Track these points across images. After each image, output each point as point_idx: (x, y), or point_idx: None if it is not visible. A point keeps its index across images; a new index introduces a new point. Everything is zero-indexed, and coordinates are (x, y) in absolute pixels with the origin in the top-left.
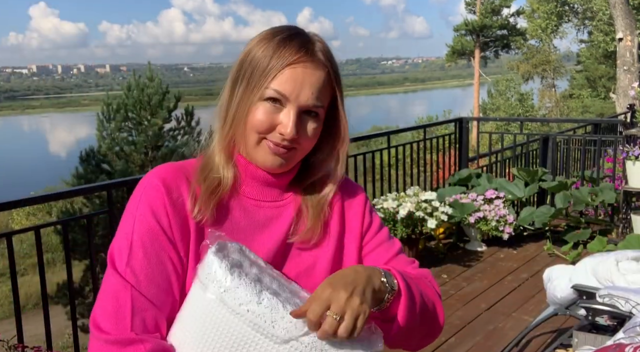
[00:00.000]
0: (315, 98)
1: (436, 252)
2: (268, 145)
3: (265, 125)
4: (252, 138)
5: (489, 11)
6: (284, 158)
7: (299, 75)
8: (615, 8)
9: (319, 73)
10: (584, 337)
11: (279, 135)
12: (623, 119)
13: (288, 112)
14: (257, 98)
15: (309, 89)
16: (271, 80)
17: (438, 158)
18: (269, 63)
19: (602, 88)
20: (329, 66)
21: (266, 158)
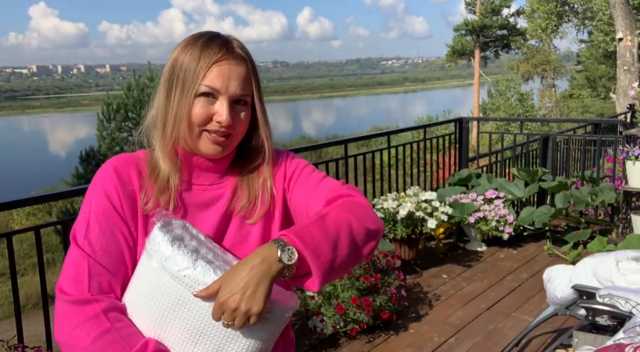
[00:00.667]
0: (241, 88)
1: (436, 252)
2: (207, 136)
3: (204, 117)
4: (193, 132)
5: (489, 11)
6: (223, 145)
7: (225, 70)
8: (615, 8)
9: (241, 67)
10: (584, 337)
11: (216, 124)
12: (623, 119)
13: (221, 103)
14: (193, 96)
15: (235, 81)
16: (202, 78)
17: (438, 158)
18: (198, 64)
19: (602, 88)
20: (248, 61)
21: (208, 147)
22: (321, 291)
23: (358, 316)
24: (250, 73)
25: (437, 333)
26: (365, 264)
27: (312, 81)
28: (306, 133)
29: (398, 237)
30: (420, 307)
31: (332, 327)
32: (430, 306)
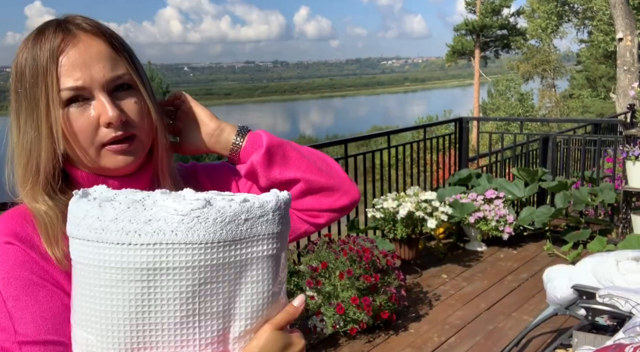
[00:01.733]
0: (110, 69)
1: (436, 252)
2: (109, 149)
3: (91, 128)
4: (90, 152)
5: (489, 11)
6: (131, 151)
7: (77, 57)
8: (615, 8)
9: (95, 43)
10: (584, 337)
11: (107, 129)
12: (623, 119)
13: (98, 99)
14: (58, 111)
15: (96, 63)
16: (55, 83)
17: (438, 158)
18: (39, 66)
19: (602, 88)
20: (101, 34)
21: (116, 161)
22: (321, 290)
23: (358, 315)
24: (114, 47)
25: (437, 333)
26: (365, 264)
27: (312, 81)
28: (306, 133)
29: (398, 237)
30: (420, 307)
31: (332, 327)
32: (430, 306)
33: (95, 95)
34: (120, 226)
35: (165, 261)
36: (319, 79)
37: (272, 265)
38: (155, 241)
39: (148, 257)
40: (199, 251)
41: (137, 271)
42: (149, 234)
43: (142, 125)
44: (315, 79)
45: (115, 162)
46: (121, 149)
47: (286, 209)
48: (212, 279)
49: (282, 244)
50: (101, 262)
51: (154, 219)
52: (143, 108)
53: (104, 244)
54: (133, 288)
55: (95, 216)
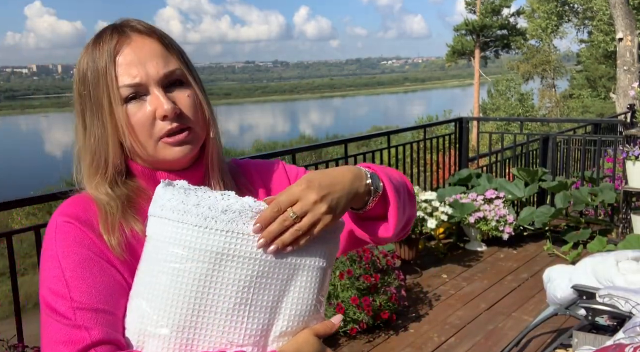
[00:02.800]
0: (163, 65)
1: (436, 252)
2: (165, 141)
3: (146, 122)
4: (149, 145)
5: (489, 11)
6: (187, 141)
7: (132, 56)
8: (615, 8)
9: (148, 42)
10: (584, 337)
11: (163, 122)
12: (623, 119)
13: (153, 94)
14: (120, 108)
15: (150, 60)
16: (115, 82)
17: (438, 158)
18: (99, 68)
19: (602, 88)
20: (153, 33)
21: (173, 153)
22: None
23: (358, 315)
24: (166, 46)
25: (437, 333)
26: (365, 264)
27: (312, 81)
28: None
29: None
30: (420, 307)
31: None
32: (430, 306)
33: (150, 90)
34: (201, 211)
35: (233, 248)
36: (319, 79)
37: (319, 277)
38: (228, 228)
39: (219, 242)
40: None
41: (207, 253)
42: (224, 222)
43: (195, 118)
44: (315, 79)
45: (173, 154)
46: (178, 140)
47: (339, 233)
48: (268, 273)
49: (330, 262)
50: (177, 240)
51: (229, 210)
52: (196, 102)
53: (183, 225)
54: (199, 269)
55: (180, 200)
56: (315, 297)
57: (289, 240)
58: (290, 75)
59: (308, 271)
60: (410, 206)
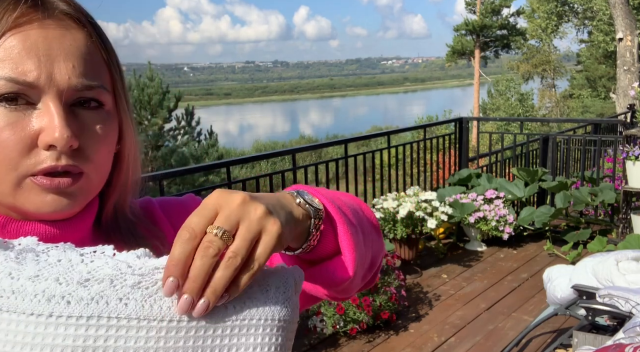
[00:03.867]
0: (80, 73)
1: (436, 252)
2: (36, 182)
3: (19, 146)
4: (5, 181)
5: (489, 11)
6: (70, 193)
7: (39, 42)
8: (615, 8)
9: (76, 36)
10: (584, 337)
11: (45, 153)
12: (623, 119)
13: (46, 106)
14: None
15: (64, 59)
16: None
17: (438, 158)
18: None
19: (602, 88)
20: (86, 23)
21: (42, 202)
22: None
23: (358, 315)
24: (96, 45)
25: (437, 333)
26: None
27: (312, 81)
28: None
29: (398, 237)
30: (420, 307)
31: (332, 327)
32: (430, 306)
33: (43, 100)
34: (42, 287)
35: (102, 345)
36: (319, 79)
37: (278, 342)
38: (91, 312)
39: (76, 338)
40: (159, 332)
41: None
42: (84, 302)
43: (99, 160)
44: (315, 79)
45: (41, 204)
46: (56, 186)
47: (296, 290)
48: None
49: (286, 340)
50: (0, 343)
51: (93, 279)
52: (110, 138)
53: (9, 315)
54: None
55: (7, 272)
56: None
57: (224, 281)
58: (290, 75)
59: (254, 336)
60: (372, 236)
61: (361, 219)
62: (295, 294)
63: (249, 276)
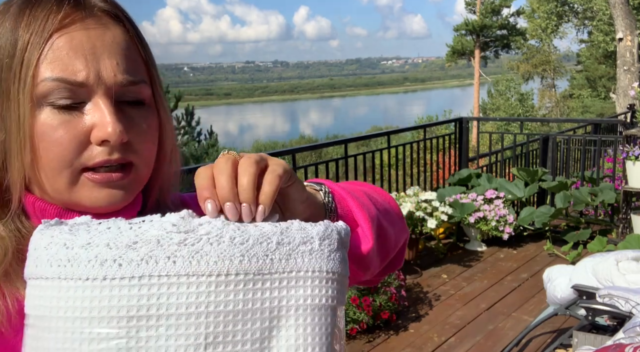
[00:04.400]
0: (124, 70)
1: (436, 252)
2: (91, 178)
3: (73, 143)
4: (62, 178)
5: (489, 11)
6: (123, 185)
7: (83, 41)
8: (615, 8)
9: (115, 33)
10: (584, 337)
11: (99, 149)
12: (623, 119)
13: (96, 104)
14: (27, 110)
15: (108, 57)
16: (37, 66)
17: (438, 158)
18: (18, 42)
19: (602, 88)
20: (125, 20)
21: (97, 197)
22: None
23: (358, 315)
24: (134, 41)
25: (437, 333)
26: None
27: (312, 81)
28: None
29: None
30: (420, 307)
31: None
32: (430, 306)
33: (94, 99)
34: (94, 253)
35: (156, 303)
36: (319, 79)
37: (321, 322)
38: (142, 272)
39: (130, 298)
40: (208, 287)
41: (112, 321)
42: (134, 263)
43: (147, 154)
44: (315, 79)
45: (96, 198)
46: (108, 180)
47: (342, 243)
48: (226, 334)
49: (337, 292)
50: (61, 310)
51: (141, 241)
52: (153, 132)
53: (67, 283)
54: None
55: (62, 243)
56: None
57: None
58: (290, 75)
59: (297, 317)
60: (391, 216)
61: (375, 200)
62: (341, 248)
63: (273, 183)
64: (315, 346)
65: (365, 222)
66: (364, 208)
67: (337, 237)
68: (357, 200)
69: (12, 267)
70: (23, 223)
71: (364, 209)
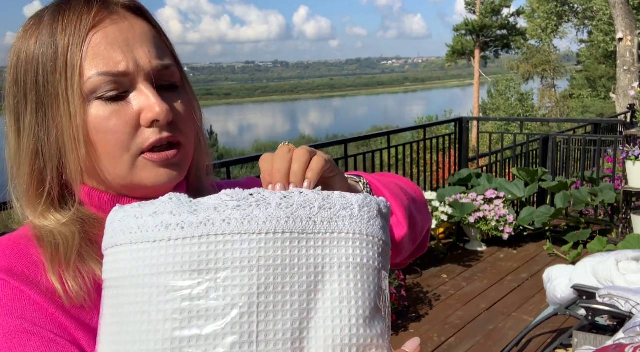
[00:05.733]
0: (156, 56)
1: (436, 252)
2: (149, 158)
3: (127, 128)
4: (122, 162)
5: (489, 11)
6: (177, 163)
7: (117, 35)
8: (615, 8)
9: (139, 24)
10: (584, 337)
11: (150, 130)
12: (623, 119)
13: (139, 90)
14: (79, 106)
15: (140, 46)
16: (81, 65)
17: (438, 158)
18: (58, 46)
19: (602, 88)
20: (146, 14)
21: (157, 176)
22: None
23: None
24: (157, 31)
25: (437, 333)
26: None
27: (312, 81)
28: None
29: None
30: (420, 307)
31: None
32: (430, 306)
33: (137, 85)
34: (160, 220)
35: (213, 258)
36: (319, 79)
37: (364, 279)
38: (201, 233)
39: (191, 255)
40: (258, 243)
41: (177, 275)
42: (194, 226)
43: (189, 132)
44: (315, 79)
45: (156, 177)
46: (165, 159)
47: (382, 214)
48: (276, 285)
49: (378, 255)
50: (134, 269)
51: (201, 209)
52: (190, 112)
53: (137, 246)
54: (171, 302)
55: (132, 215)
56: (363, 315)
57: (302, 167)
58: (290, 75)
59: (341, 273)
60: (418, 204)
61: (405, 190)
62: (380, 217)
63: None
64: (359, 299)
65: (399, 210)
66: (397, 198)
67: (376, 207)
68: (390, 190)
69: (83, 249)
70: (81, 211)
71: (398, 198)
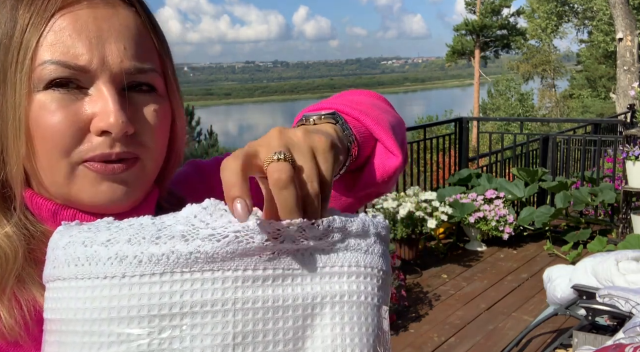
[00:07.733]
0: (132, 56)
1: (436, 252)
2: (91, 167)
3: (71, 131)
4: (58, 170)
5: (489, 11)
6: (124, 179)
7: (89, 23)
8: (615, 8)
9: (125, 15)
10: (584, 337)
11: (99, 139)
12: (623, 119)
13: (98, 90)
14: (24, 96)
15: (115, 41)
16: (36, 48)
17: (438, 158)
18: (17, 23)
19: (602, 88)
20: (136, 5)
21: (97, 191)
22: None
23: None
24: (145, 25)
25: (437, 333)
26: None
27: (312, 81)
28: None
29: (398, 237)
30: (420, 307)
31: None
32: (430, 306)
33: (97, 85)
34: (114, 251)
35: (178, 301)
36: (319, 79)
37: (361, 321)
38: (163, 269)
39: (151, 296)
40: (235, 282)
41: (133, 321)
42: (155, 259)
43: (155, 145)
44: (315, 79)
45: (95, 193)
46: (110, 172)
47: (381, 238)
48: (256, 333)
49: (377, 289)
50: (80, 312)
51: (164, 236)
52: (164, 122)
53: (85, 282)
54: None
55: (80, 241)
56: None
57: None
58: (290, 75)
59: (334, 313)
60: (393, 115)
61: (378, 105)
62: (380, 242)
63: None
64: (355, 347)
65: (389, 139)
66: (382, 124)
67: (374, 231)
68: (372, 117)
69: (25, 271)
70: (30, 221)
71: (382, 125)
